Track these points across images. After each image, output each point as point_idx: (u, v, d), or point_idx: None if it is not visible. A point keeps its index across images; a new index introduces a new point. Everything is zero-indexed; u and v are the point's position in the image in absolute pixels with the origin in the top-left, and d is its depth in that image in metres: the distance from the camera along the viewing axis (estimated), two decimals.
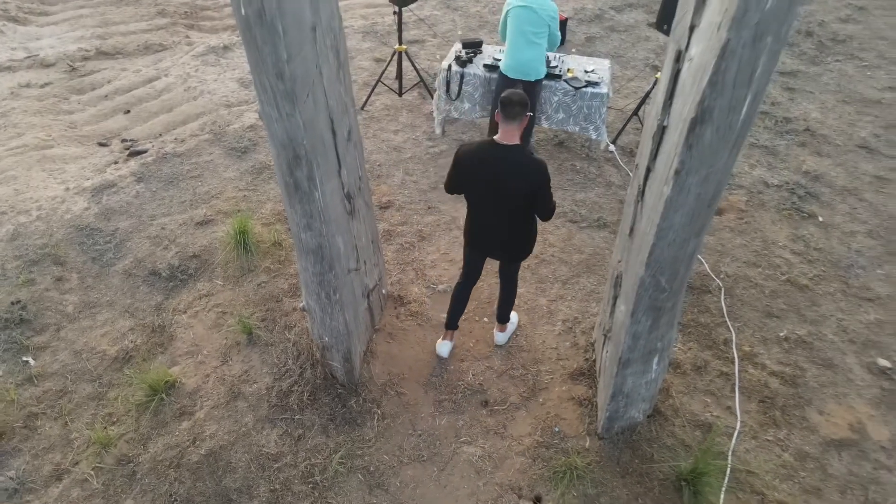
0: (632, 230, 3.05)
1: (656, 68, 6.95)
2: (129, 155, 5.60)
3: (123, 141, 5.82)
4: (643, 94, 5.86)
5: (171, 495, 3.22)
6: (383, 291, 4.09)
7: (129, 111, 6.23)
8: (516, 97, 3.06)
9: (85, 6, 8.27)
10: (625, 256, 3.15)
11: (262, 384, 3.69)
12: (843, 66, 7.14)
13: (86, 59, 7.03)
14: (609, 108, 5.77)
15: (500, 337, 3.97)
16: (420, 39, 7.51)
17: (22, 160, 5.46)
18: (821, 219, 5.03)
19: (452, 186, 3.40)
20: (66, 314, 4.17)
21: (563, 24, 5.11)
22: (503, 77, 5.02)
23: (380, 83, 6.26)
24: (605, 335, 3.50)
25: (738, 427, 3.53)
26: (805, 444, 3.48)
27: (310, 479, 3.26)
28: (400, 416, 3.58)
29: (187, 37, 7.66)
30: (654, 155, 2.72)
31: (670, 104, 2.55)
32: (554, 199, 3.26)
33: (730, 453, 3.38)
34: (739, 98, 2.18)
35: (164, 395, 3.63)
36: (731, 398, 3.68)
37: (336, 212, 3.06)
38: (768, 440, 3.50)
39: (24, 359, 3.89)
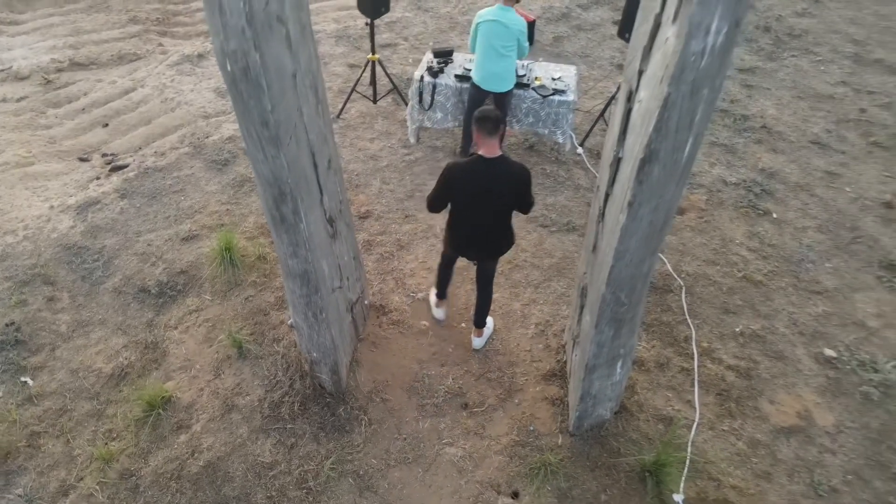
0: (594, 247, 3.31)
1: (622, 67, 7.19)
2: (110, 170, 5.71)
3: (104, 156, 5.92)
4: (609, 96, 6.11)
5: None
6: (366, 302, 4.31)
7: (107, 124, 6.32)
8: (492, 114, 3.33)
9: (55, 14, 8.25)
10: (589, 270, 3.42)
11: (255, 396, 3.91)
12: (798, 61, 7.46)
13: (60, 70, 7.07)
14: (577, 109, 6.01)
15: (478, 341, 4.23)
16: (392, 43, 7.65)
17: (4, 178, 5.55)
18: (775, 215, 5.35)
19: (438, 204, 3.64)
20: (60, 334, 4.34)
21: (532, 25, 5.29)
22: (475, 88, 5.23)
23: (354, 91, 6.42)
24: (574, 340, 3.77)
25: (696, 419, 3.84)
26: (757, 433, 3.82)
27: (304, 485, 3.51)
28: (386, 422, 3.83)
29: (160, 45, 7.71)
30: (612, 182, 2.97)
31: (624, 138, 2.80)
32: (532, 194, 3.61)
33: (689, 444, 3.70)
34: (682, 140, 2.44)
35: (161, 410, 3.84)
36: (691, 392, 4.00)
37: (320, 238, 3.27)
38: (724, 430, 3.82)
39: (23, 379, 4.06)
